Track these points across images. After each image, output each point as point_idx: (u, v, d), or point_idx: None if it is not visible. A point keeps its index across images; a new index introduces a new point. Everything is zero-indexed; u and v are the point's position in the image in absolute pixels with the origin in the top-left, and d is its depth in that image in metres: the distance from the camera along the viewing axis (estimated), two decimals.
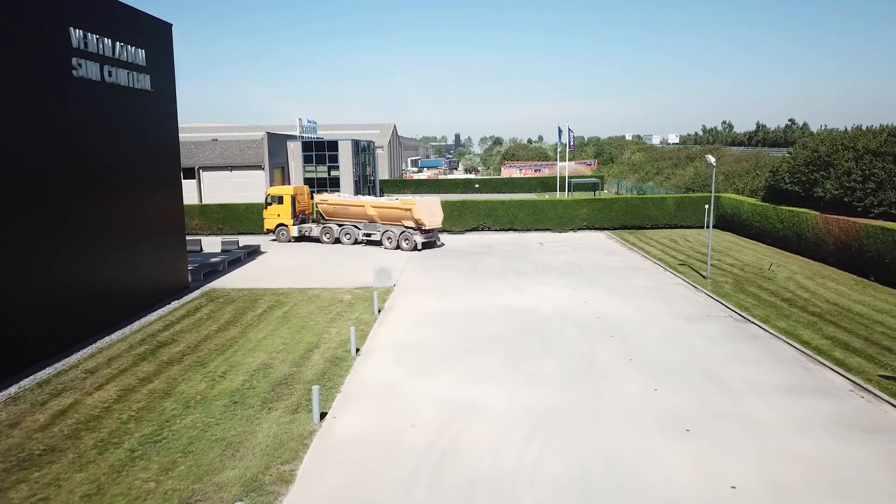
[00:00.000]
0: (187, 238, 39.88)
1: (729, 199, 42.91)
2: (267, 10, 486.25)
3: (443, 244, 39.97)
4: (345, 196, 42.22)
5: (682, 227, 44.77)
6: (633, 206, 44.73)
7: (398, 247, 37.47)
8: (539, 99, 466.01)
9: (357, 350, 18.81)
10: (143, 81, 23.99)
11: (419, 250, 37.03)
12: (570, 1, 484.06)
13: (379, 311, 23.36)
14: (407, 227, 37.43)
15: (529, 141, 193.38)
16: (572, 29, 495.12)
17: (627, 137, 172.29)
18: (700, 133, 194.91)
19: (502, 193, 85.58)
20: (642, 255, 35.07)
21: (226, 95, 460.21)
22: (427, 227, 37.29)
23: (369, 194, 71.54)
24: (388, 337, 20.35)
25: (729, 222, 42.38)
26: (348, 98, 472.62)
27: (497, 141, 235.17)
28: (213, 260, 32.58)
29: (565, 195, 68.37)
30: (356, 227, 39.62)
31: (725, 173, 70.55)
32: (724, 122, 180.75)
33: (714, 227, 44.55)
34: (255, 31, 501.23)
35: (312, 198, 43.57)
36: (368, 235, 38.93)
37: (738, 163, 73.98)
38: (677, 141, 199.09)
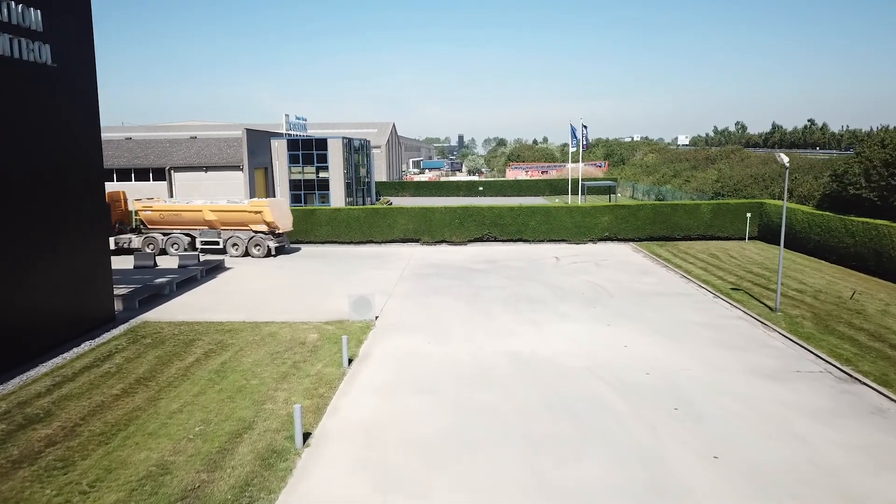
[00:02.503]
0: (140, 252, 34.10)
1: (775, 207, 36.78)
2: (266, 9, 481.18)
3: (299, 249, 37.60)
4: (174, 201, 38.10)
5: (718, 238, 38.66)
6: (661, 214, 38.64)
7: (247, 253, 34.75)
8: (543, 99, 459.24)
9: (306, 437, 12.79)
10: (40, 52, 18.03)
11: (273, 256, 34.65)
12: (572, 1, 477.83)
13: (349, 363, 17.33)
14: (257, 232, 34.71)
15: (535, 142, 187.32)
16: (575, 29, 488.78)
17: (635, 138, 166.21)
18: (711, 134, 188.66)
19: (508, 197, 79.68)
20: (681, 274, 28.99)
21: (224, 96, 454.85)
22: (280, 231, 35.09)
23: (364, 197, 65.61)
24: (355, 411, 14.30)
25: (777, 234, 36.20)
26: (349, 98, 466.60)
27: (501, 142, 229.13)
28: (159, 281, 26.59)
29: (578, 200, 62.33)
30: (189, 234, 35.87)
31: (753, 177, 64.55)
32: (737, 124, 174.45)
33: (754, 238, 38.52)
34: (255, 31, 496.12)
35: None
36: (209, 243, 35.07)
37: (765, 165, 67.96)
38: (687, 143, 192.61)
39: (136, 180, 50.56)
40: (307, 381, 15.94)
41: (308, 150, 56.89)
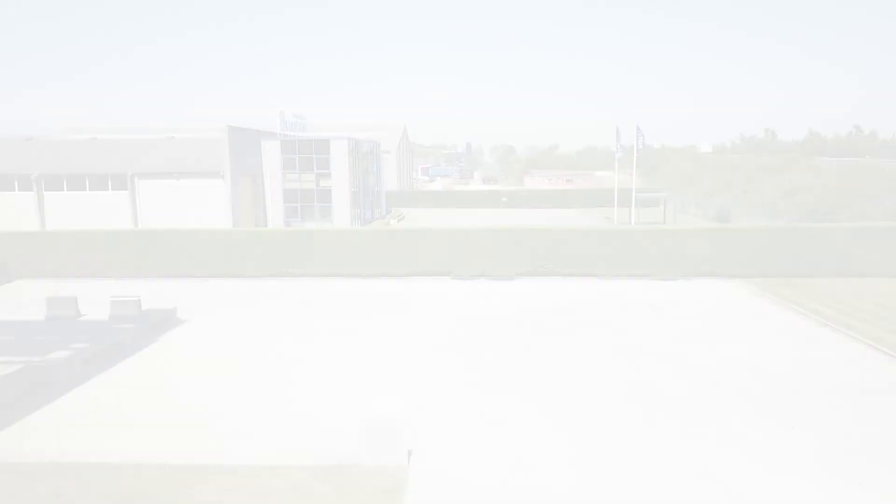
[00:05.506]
0: (55, 295, 23.11)
1: None
2: (266, 12, 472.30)
3: None
4: None
5: (858, 275, 28.29)
6: (779, 242, 28.47)
7: None
8: (549, 105, 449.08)
9: None
10: None
11: None
12: (576, 4, 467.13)
13: None
14: None
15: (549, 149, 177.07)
16: (579, 32, 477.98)
17: (655, 145, 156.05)
18: (737, 141, 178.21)
19: (537, 208, 69.71)
20: (867, 343, 18.80)
21: (224, 99, 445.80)
22: None
23: (373, 209, 55.61)
24: None
25: None
26: (350, 102, 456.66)
27: (510, 149, 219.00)
28: (55, 356, 16.56)
29: (632, 216, 52.01)
30: None
31: (837, 188, 54.37)
32: (766, 130, 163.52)
33: None
34: (256, 34, 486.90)
35: None
36: None
37: (845, 175, 57.88)
38: (710, 150, 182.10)
39: (91, 189, 40.65)
40: None
41: (306, 153, 46.92)
